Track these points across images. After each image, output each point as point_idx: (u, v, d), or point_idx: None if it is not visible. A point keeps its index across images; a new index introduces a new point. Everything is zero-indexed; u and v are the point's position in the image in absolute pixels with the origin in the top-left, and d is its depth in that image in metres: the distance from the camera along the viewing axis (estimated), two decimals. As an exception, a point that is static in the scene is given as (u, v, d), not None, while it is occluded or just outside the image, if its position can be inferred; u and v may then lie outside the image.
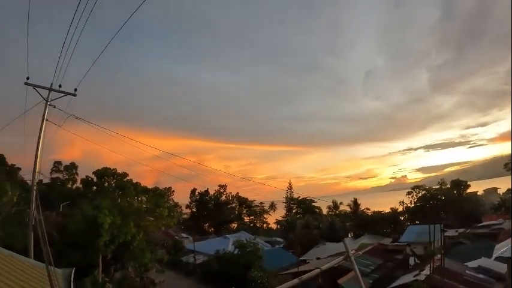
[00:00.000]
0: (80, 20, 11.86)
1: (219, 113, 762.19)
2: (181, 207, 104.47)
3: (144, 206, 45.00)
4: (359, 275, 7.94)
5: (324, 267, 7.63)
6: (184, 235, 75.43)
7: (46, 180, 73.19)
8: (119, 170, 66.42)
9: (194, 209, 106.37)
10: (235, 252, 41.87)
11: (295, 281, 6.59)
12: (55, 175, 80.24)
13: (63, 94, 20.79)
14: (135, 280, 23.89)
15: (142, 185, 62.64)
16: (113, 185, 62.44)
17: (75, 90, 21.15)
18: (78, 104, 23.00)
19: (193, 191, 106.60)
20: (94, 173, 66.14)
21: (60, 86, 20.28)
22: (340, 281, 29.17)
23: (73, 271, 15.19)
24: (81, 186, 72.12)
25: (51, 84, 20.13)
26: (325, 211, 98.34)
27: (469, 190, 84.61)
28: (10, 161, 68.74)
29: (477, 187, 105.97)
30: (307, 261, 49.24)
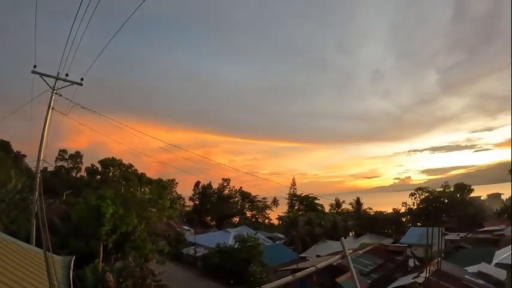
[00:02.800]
0: (88, 9, 11.94)
1: (228, 106, 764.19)
2: (184, 199, 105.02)
3: (147, 197, 45.25)
4: (354, 275, 7.99)
5: (319, 266, 7.68)
6: (186, 227, 75.66)
7: (51, 168, 73.79)
8: (124, 161, 66.90)
9: (197, 202, 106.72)
10: (236, 246, 42.09)
11: (289, 277, 6.63)
12: (60, 163, 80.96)
13: (69, 83, 20.94)
14: (135, 270, 24.01)
15: (146, 176, 63.09)
16: (117, 175, 62.84)
17: (82, 79, 21.29)
18: (86, 94, 23.22)
19: (196, 184, 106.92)
20: (99, 162, 66.58)
21: (67, 75, 20.42)
22: (338, 280, 29.29)
23: (73, 259, 15.33)
24: (85, 175, 72.61)
25: (58, 73, 20.29)
26: (327, 209, 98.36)
27: (472, 194, 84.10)
28: (16, 148, 69.56)
29: (481, 192, 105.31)
30: (307, 258, 49.38)
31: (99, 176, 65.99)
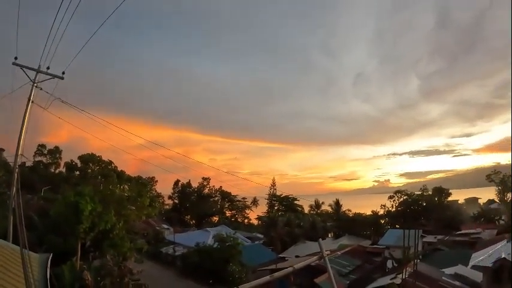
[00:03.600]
0: (72, 0, 11.69)
1: (211, 105, 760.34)
2: (163, 197, 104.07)
3: (126, 194, 44.66)
4: (332, 275, 8.00)
5: (297, 266, 7.68)
6: (165, 226, 75.07)
7: (29, 163, 72.23)
8: (104, 157, 65.84)
9: (176, 201, 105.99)
10: (215, 245, 41.96)
11: (267, 278, 6.61)
12: (38, 158, 79.20)
13: (50, 76, 20.48)
14: (113, 269, 23.64)
15: (126, 173, 62.24)
16: (97, 171, 61.84)
17: (63, 73, 20.85)
18: (66, 88, 22.73)
19: (176, 182, 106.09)
20: (79, 158, 65.41)
21: (48, 68, 19.96)
22: (317, 280, 29.43)
23: (50, 256, 15.01)
24: (64, 170, 71.26)
25: (39, 65, 19.81)
26: (307, 210, 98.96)
27: (450, 198, 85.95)
28: (-6, 142, 67.65)
29: (458, 196, 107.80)
30: (286, 258, 49.54)
31: (78, 172, 64.87)
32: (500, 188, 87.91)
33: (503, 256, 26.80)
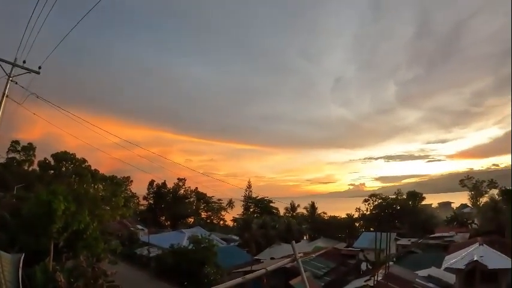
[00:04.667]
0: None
1: (188, 105, 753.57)
2: (138, 198, 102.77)
3: (100, 194, 43.91)
4: (304, 277, 8.02)
5: (269, 268, 7.66)
6: (139, 227, 73.91)
7: (2, 160, 70.22)
8: (78, 155, 64.36)
9: (151, 201, 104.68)
10: (190, 247, 41.67)
11: (239, 279, 6.57)
12: (12, 155, 76.76)
13: (26, 71, 19.93)
14: (87, 270, 23.12)
15: (100, 172, 61.08)
16: (70, 170, 60.43)
17: (40, 68, 20.32)
18: (42, 84, 22.16)
19: (151, 183, 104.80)
20: (52, 156, 63.74)
21: (24, 62, 19.42)
22: (291, 282, 29.54)
23: (22, 257, 14.61)
24: (38, 168, 69.37)
25: (16, 59, 19.25)
26: (282, 212, 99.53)
27: (424, 202, 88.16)
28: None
29: (432, 200, 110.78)
30: (262, 260, 49.67)
31: (51, 171, 63.21)
32: (472, 192, 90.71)
33: (475, 259, 27.69)
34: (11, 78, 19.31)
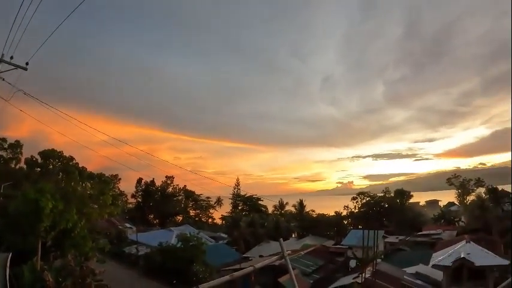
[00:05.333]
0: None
1: (176, 103, 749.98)
2: (126, 196, 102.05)
3: (88, 192, 43.48)
4: (293, 275, 8.10)
5: (257, 266, 7.71)
6: (128, 225, 73.63)
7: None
8: (66, 153, 63.60)
9: (140, 199, 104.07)
10: (179, 245, 41.57)
11: (227, 277, 6.61)
12: (-2, 152, 75.47)
13: (13, 67, 19.64)
14: (75, 269, 22.93)
15: (88, 170, 60.44)
16: (58, 167, 59.71)
17: (27, 64, 20.03)
18: (29, 80, 21.90)
19: (139, 181, 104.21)
20: (39, 153, 62.91)
21: (11, 57, 19.14)
22: (280, 280, 29.74)
23: (9, 256, 14.45)
24: (25, 166, 68.40)
25: (2, 54, 18.97)
26: (271, 210, 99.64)
27: (411, 200, 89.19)
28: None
29: (419, 198, 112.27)
30: (250, 258, 49.83)
31: (39, 168, 62.34)
32: (459, 191, 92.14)
33: (462, 256, 28.18)
34: (-2, 75, 19.06)
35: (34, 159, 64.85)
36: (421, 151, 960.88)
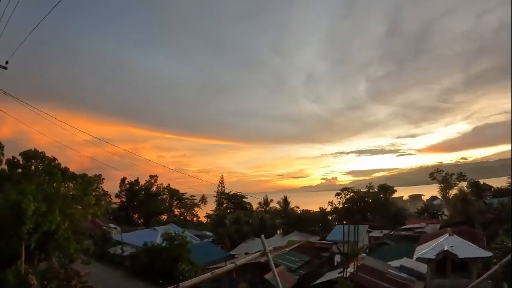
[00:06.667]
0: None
1: (159, 101, 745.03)
2: (110, 196, 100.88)
3: (71, 193, 42.97)
4: (275, 271, 8.19)
5: (239, 263, 7.82)
6: (112, 225, 73.09)
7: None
8: (48, 153, 62.59)
9: (124, 199, 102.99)
10: (164, 244, 41.50)
11: (208, 274, 6.69)
12: (-21, 154, 73.93)
13: (-8, 66, 19.33)
14: (60, 271, 22.78)
15: (71, 170, 59.68)
16: (40, 168, 58.76)
17: (7, 63, 19.72)
18: (9, 79, 21.53)
19: (123, 180, 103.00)
20: (21, 154, 61.81)
21: (-10, 56, 18.83)
22: (266, 276, 29.93)
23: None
24: (6, 167, 67.17)
25: (-18, 53, 18.65)
26: (255, 207, 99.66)
27: (395, 195, 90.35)
28: None
29: (403, 193, 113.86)
30: (236, 256, 49.88)
31: (20, 170, 61.29)
32: (442, 185, 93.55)
33: (445, 248, 28.84)
34: (-23, 75, 18.74)
35: (15, 160, 63.76)
36: (403, 147, 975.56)
